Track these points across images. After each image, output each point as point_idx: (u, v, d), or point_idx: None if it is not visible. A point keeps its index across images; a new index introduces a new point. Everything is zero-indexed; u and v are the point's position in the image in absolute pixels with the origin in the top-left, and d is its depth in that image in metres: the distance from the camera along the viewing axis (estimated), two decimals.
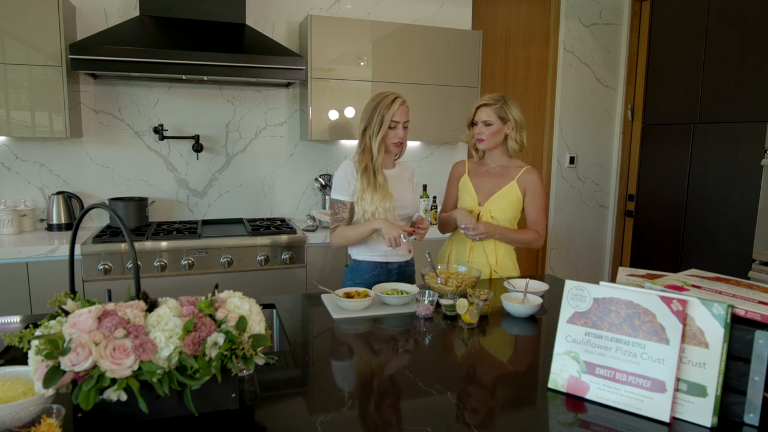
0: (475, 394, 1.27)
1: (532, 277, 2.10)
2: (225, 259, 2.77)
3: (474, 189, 2.28)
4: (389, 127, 2.07)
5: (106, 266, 2.59)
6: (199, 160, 3.27)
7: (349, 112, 3.20)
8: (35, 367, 0.97)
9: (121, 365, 0.97)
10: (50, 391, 0.96)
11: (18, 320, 1.68)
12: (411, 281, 2.28)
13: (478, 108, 2.23)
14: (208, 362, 1.02)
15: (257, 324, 1.11)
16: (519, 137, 2.21)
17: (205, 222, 3.26)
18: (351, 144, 3.53)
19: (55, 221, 2.94)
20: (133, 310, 1.05)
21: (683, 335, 1.12)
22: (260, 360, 1.10)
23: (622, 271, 1.40)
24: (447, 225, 2.37)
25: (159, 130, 3.10)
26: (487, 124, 2.19)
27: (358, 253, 2.19)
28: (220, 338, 1.04)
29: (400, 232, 1.99)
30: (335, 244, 2.15)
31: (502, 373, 1.40)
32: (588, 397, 1.21)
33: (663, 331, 1.14)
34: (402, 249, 2.22)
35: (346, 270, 2.26)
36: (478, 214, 2.23)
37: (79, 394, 0.96)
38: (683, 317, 1.12)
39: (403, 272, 2.24)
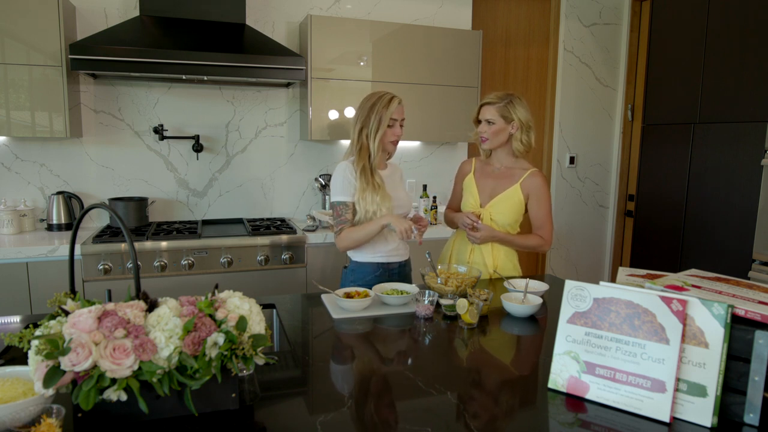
0: (476, 394, 1.27)
1: (532, 277, 2.10)
2: (225, 259, 2.78)
3: (477, 190, 2.27)
4: (388, 126, 2.07)
5: (106, 266, 2.59)
6: (199, 160, 3.27)
7: (349, 112, 3.20)
8: (35, 367, 0.97)
9: (121, 365, 0.97)
10: (50, 391, 0.96)
11: (18, 320, 1.68)
12: (409, 280, 2.28)
13: (481, 106, 2.20)
14: (208, 362, 1.02)
15: (257, 324, 1.11)
16: (525, 138, 2.16)
17: (205, 222, 3.26)
18: None
19: (55, 221, 2.94)
20: (133, 310, 1.05)
21: (683, 335, 1.12)
22: (260, 360, 1.10)
23: (622, 271, 1.40)
24: (451, 223, 2.38)
25: (159, 130, 3.10)
26: (490, 122, 2.16)
27: (359, 255, 2.18)
28: (220, 338, 1.04)
29: (411, 224, 2.00)
30: (342, 247, 2.12)
31: (502, 373, 1.40)
32: (588, 397, 1.21)
33: (663, 331, 1.14)
34: (402, 248, 2.22)
35: (346, 271, 2.24)
36: (479, 216, 2.22)
37: (79, 394, 0.96)
38: (683, 317, 1.12)
39: (402, 272, 2.24)
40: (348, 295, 1.83)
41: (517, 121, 2.15)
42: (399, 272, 2.22)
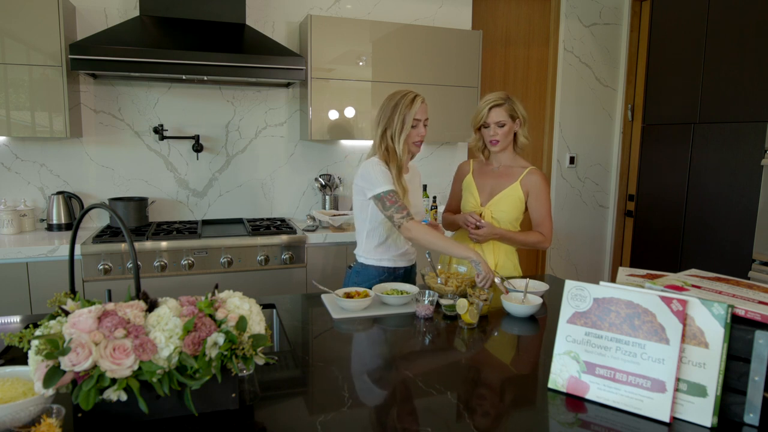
0: (476, 394, 1.27)
1: (532, 277, 2.10)
2: (225, 259, 2.77)
3: (477, 189, 2.28)
4: (411, 126, 2.03)
5: (106, 266, 2.59)
6: (199, 160, 3.27)
7: (349, 112, 3.20)
8: (35, 367, 0.97)
9: (121, 365, 0.97)
10: (50, 391, 0.96)
11: (18, 320, 1.68)
12: (413, 282, 2.28)
13: (490, 109, 2.16)
14: (208, 362, 1.02)
15: (257, 324, 1.11)
16: (526, 132, 2.22)
17: (205, 222, 3.26)
18: (351, 144, 3.53)
19: (55, 221, 2.94)
20: (133, 310, 1.05)
21: (683, 335, 1.12)
22: (260, 360, 1.10)
23: (622, 271, 1.40)
24: (451, 225, 2.37)
25: (159, 130, 3.10)
26: (501, 125, 2.15)
27: (366, 257, 2.16)
28: (220, 338, 1.04)
29: (495, 275, 1.89)
30: (411, 236, 1.96)
31: (502, 373, 1.40)
32: (588, 397, 1.21)
33: (663, 331, 1.14)
34: (411, 253, 2.21)
35: (350, 272, 2.22)
36: (480, 215, 2.23)
37: (79, 394, 0.96)
38: (683, 317, 1.12)
39: (408, 276, 2.23)
40: (348, 295, 1.83)
41: (521, 118, 2.18)
42: (404, 277, 2.21)
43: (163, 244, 2.69)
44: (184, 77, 2.88)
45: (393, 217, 1.97)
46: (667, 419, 1.11)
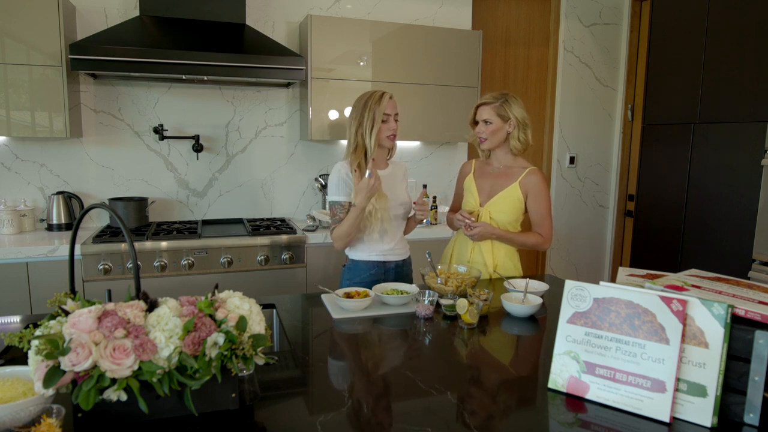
0: (475, 394, 1.27)
1: (532, 277, 2.10)
2: (225, 259, 2.77)
3: (476, 189, 2.28)
4: (382, 121, 2.10)
5: (106, 266, 2.59)
6: (199, 160, 3.27)
7: (349, 112, 3.20)
8: (35, 367, 0.97)
9: (121, 365, 0.97)
10: (50, 391, 0.96)
11: (18, 320, 1.68)
12: (408, 280, 2.28)
13: (478, 107, 2.22)
14: (208, 362, 1.02)
15: (257, 324, 1.11)
16: (522, 136, 2.18)
17: (205, 222, 3.26)
18: None
19: (55, 221, 2.94)
20: (133, 310, 1.05)
21: (683, 335, 1.12)
22: (260, 360, 1.10)
23: (622, 271, 1.40)
24: (452, 225, 2.37)
25: (159, 130, 3.10)
26: (487, 122, 2.18)
27: (355, 253, 2.20)
28: (220, 338, 1.04)
29: (365, 180, 1.99)
30: (338, 245, 2.14)
31: (502, 374, 1.40)
32: (588, 397, 1.21)
33: (663, 331, 1.14)
34: (400, 248, 2.22)
35: (344, 270, 2.26)
36: (478, 215, 2.23)
37: (79, 394, 0.96)
38: (683, 317, 1.12)
39: (400, 271, 2.24)
40: (348, 295, 1.83)
41: (514, 119, 2.17)
42: (396, 271, 2.22)
43: (163, 244, 2.69)
44: (184, 77, 2.88)
45: (329, 227, 2.17)
46: (667, 419, 1.11)
